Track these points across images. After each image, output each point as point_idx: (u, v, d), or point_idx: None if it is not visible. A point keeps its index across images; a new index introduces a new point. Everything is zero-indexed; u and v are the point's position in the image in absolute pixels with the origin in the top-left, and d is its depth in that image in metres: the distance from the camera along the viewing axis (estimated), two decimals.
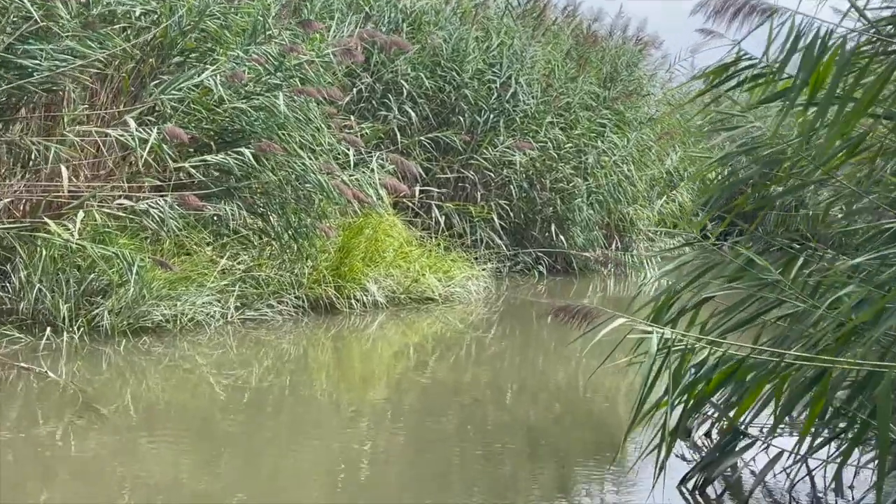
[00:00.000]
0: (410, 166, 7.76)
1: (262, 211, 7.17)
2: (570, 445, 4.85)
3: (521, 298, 10.12)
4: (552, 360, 7.55)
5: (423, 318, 7.99)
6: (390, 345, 7.34)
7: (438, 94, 10.82)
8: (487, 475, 4.25)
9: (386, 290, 7.80)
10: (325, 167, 7.04)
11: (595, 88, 12.29)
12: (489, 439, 4.86)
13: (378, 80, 10.31)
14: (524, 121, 11.23)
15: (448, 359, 7.02)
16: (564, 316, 2.66)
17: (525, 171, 11.15)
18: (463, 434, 4.98)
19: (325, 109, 7.39)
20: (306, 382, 6.04)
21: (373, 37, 8.36)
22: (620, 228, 12.68)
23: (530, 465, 4.48)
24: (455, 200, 10.84)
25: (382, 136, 10.26)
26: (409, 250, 8.44)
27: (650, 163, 12.92)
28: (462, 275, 8.81)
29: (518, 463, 4.51)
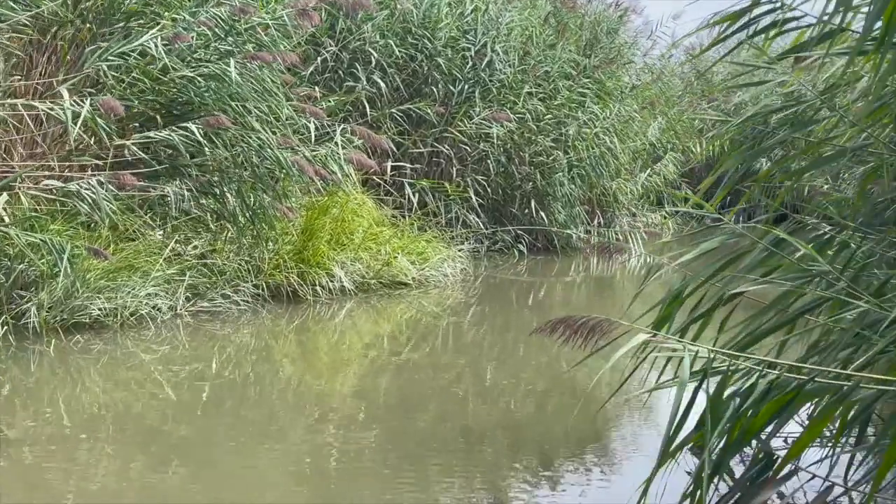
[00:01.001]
0: (380, 140, 7.11)
1: (216, 191, 6.51)
2: (552, 436, 4.51)
3: (500, 279, 9.55)
4: (533, 344, 7.01)
5: (396, 305, 7.38)
6: (360, 334, 6.73)
7: (409, 63, 10.16)
8: (467, 469, 3.95)
9: (354, 276, 7.17)
10: (284, 142, 6.38)
11: (575, 56, 11.66)
12: (468, 430, 4.50)
13: (344, 49, 9.63)
14: (501, 91, 10.60)
15: (423, 347, 6.44)
16: (565, 331, 2.06)
17: (503, 145, 10.53)
18: (440, 426, 4.56)
19: (284, 78, 6.71)
20: (268, 378, 5.43)
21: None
22: (603, 203, 12.11)
23: (511, 458, 4.13)
24: (429, 177, 10.21)
25: (350, 108, 9.61)
26: (380, 231, 7.81)
27: (633, 134, 12.32)
28: (437, 256, 8.20)
29: (498, 455, 4.16)
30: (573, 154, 11.06)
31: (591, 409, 4.80)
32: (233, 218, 6.61)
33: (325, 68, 9.45)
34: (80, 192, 5.17)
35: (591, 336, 2.00)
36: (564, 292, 9.50)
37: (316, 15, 6.46)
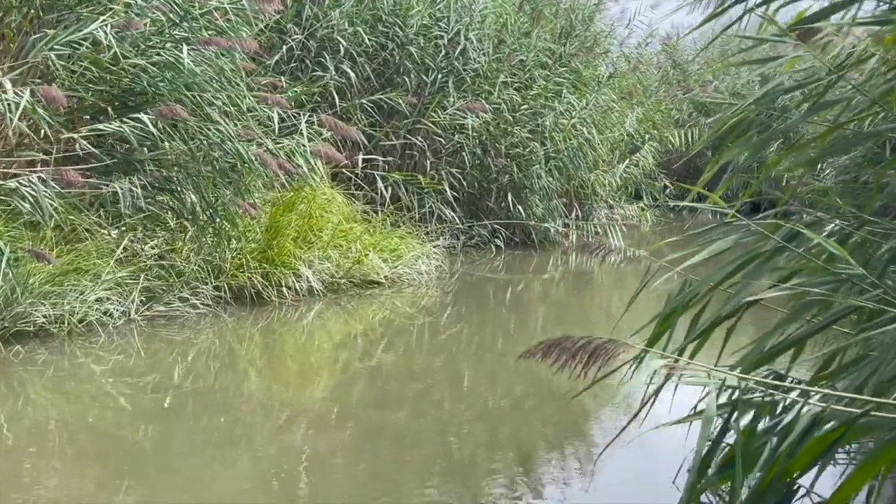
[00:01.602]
0: (349, 131, 6.73)
1: (174, 187, 6.10)
2: (531, 436, 4.36)
3: (477, 275, 9.21)
4: (511, 341, 6.79)
5: (368, 305, 7.01)
6: (330, 336, 6.36)
7: (380, 51, 9.77)
8: (443, 472, 3.81)
9: (323, 275, 6.79)
10: (245, 134, 5.98)
11: (550, 45, 11.32)
12: (444, 432, 4.34)
13: (311, 37, 9.23)
14: (476, 80, 10.23)
15: (397, 348, 6.10)
16: (561, 356, 1.70)
17: (478, 136, 10.17)
18: (416, 429, 4.36)
19: (244, 66, 6.30)
20: (231, 385, 5.06)
21: None
22: (581, 196, 11.78)
23: (489, 460, 3.98)
24: (402, 170, 9.84)
25: (319, 99, 9.21)
26: (350, 228, 7.43)
27: (611, 125, 12.01)
28: (411, 253, 7.83)
29: (476, 458, 4.01)
30: (550, 145, 10.72)
31: (572, 410, 4.59)
32: (192, 215, 6.20)
33: (290, 57, 9.04)
34: (19, 189, 4.75)
35: (593, 362, 1.64)
36: (543, 289, 9.18)
37: (278, 0, 6.06)
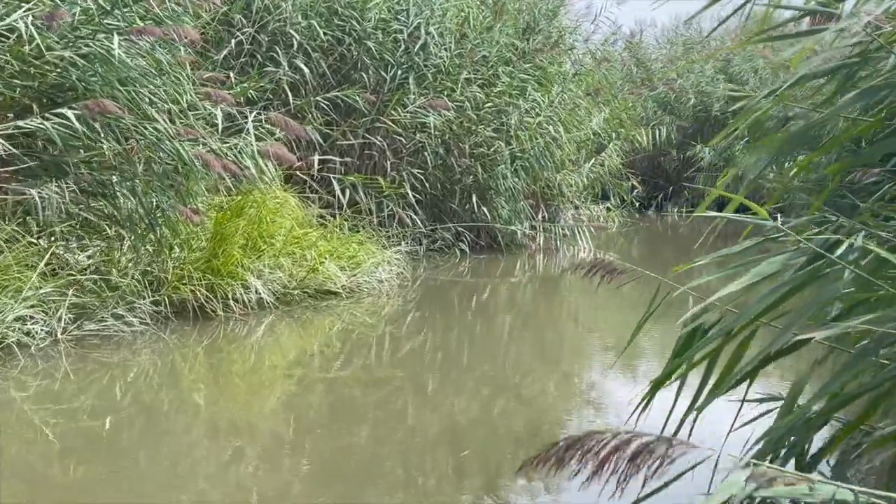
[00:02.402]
0: (299, 129, 6.20)
1: (107, 191, 5.54)
2: (500, 454, 4.02)
3: (441, 281, 8.75)
4: (478, 349, 6.37)
5: (324, 317, 6.49)
6: (282, 351, 5.85)
7: (336, 46, 9.26)
8: (408, 493, 3.52)
9: (274, 285, 6.26)
10: (186, 132, 5.44)
11: (514, 40, 10.88)
12: (408, 451, 4.02)
13: (262, 30, 8.69)
14: (437, 77, 9.76)
15: (356, 362, 5.61)
16: (584, 463, 1.20)
17: (441, 136, 9.70)
18: (378, 449, 3.99)
19: (185, 59, 5.76)
20: (173, 411, 4.54)
21: None
22: (547, 196, 11.36)
23: (456, 481, 3.68)
24: (360, 171, 9.34)
25: (271, 96, 8.68)
26: (304, 233, 6.91)
27: (578, 122, 11.60)
28: (371, 260, 7.33)
29: (442, 478, 3.73)
30: (516, 145, 10.28)
31: (544, 421, 4.48)
32: (128, 223, 5.64)
33: (240, 52, 8.49)
34: None
35: (636, 471, 1.17)
36: (510, 294, 8.74)
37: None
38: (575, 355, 6.45)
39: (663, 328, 7.70)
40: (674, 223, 17.14)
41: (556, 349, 6.57)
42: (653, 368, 5.97)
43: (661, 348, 6.56)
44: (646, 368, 5.96)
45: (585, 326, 7.51)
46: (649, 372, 5.83)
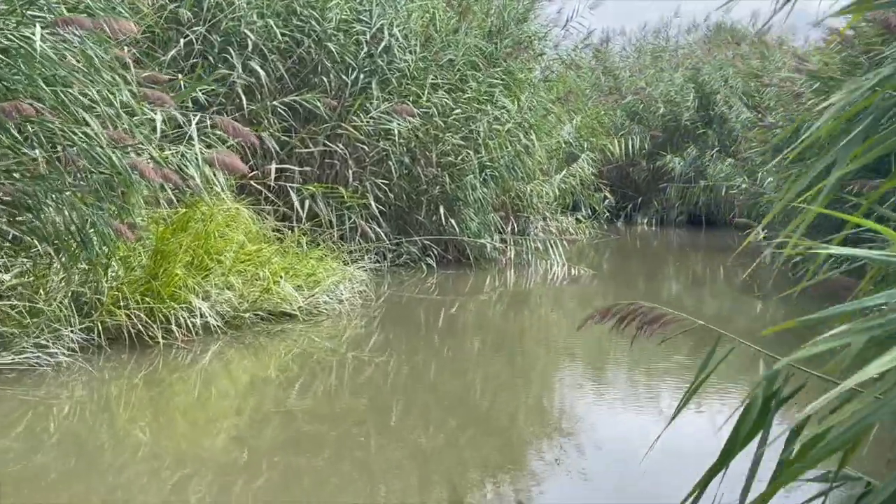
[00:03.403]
0: (248, 134, 5.60)
1: (30, 203, 4.91)
2: (467, 482, 3.74)
3: (406, 297, 8.19)
4: (446, 371, 5.88)
5: (278, 342, 5.90)
6: (232, 382, 5.24)
7: (295, 48, 8.69)
8: None
9: (223, 308, 5.66)
10: (119, 138, 4.83)
11: (481, 43, 10.37)
12: (372, 479, 3.72)
13: (214, 30, 8.08)
14: (402, 82, 9.22)
15: (313, 391, 5.06)
16: None
17: (406, 143, 9.15)
18: (337, 480, 3.64)
19: (120, 54, 5.15)
20: (108, 450, 3.94)
21: None
22: (517, 208, 10.85)
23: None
24: (321, 181, 8.77)
25: (224, 100, 8.09)
26: (258, 249, 6.31)
27: (550, 130, 11.12)
28: (331, 278, 6.75)
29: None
30: (485, 153, 9.76)
31: (512, 448, 4.26)
32: (56, 239, 5.02)
33: (189, 52, 7.88)
34: None
35: None
36: (480, 311, 8.20)
37: None
38: (548, 377, 6.00)
39: (642, 347, 7.28)
40: (643, 235, 16.75)
41: (528, 371, 6.11)
42: (629, 390, 5.61)
43: (631, 363, 6.18)
44: (620, 391, 5.58)
45: (559, 346, 7.01)
46: (625, 396, 5.46)
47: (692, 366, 6.63)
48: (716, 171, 16.19)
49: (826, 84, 9.00)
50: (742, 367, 5.86)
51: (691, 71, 18.16)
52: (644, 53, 20.59)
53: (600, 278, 10.12)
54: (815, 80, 9.35)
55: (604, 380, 5.87)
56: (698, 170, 17.13)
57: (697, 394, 1.71)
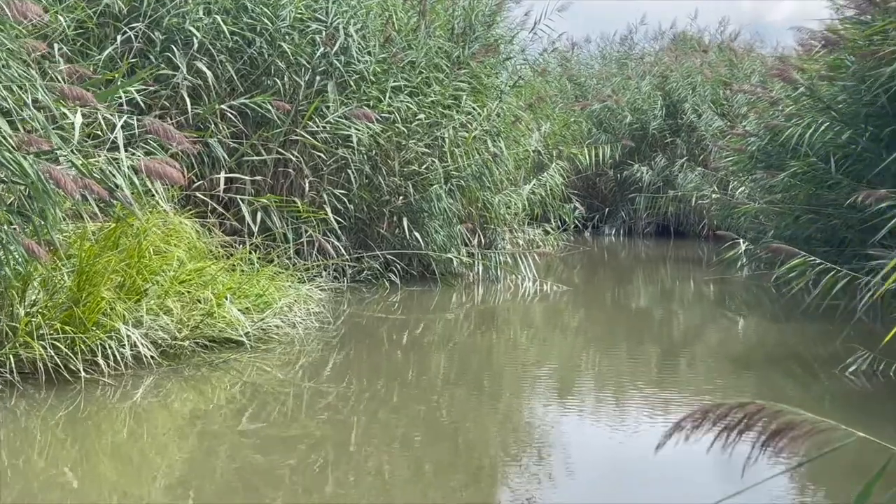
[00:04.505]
0: (181, 139, 4.91)
1: None
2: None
3: (367, 317, 7.56)
4: (410, 392, 5.36)
5: (222, 374, 5.22)
6: (168, 420, 4.57)
7: (246, 48, 8.04)
8: None
9: (158, 335, 4.98)
10: (32, 140, 4.15)
11: (445, 44, 9.80)
12: None
13: (155, 27, 7.40)
14: (360, 85, 8.60)
15: (263, 427, 4.45)
16: None
17: (366, 151, 8.53)
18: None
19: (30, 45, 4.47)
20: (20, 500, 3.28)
21: None
22: (485, 220, 10.27)
23: None
24: (274, 192, 8.11)
25: (167, 103, 7.42)
26: (201, 268, 5.64)
27: (520, 137, 10.56)
28: (284, 299, 6.09)
29: None
30: (451, 162, 9.17)
31: (483, 479, 3.94)
32: None
33: (126, 51, 7.19)
34: None
35: None
36: (446, 330, 7.59)
37: None
38: (519, 402, 5.47)
39: (614, 356, 6.79)
40: (611, 246, 16.28)
41: (498, 396, 5.60)
42: (604, 412, 5.19)
43: (605, 376, 5.77)
44: (595, 414, 5.13)
45: (530, 368, 6.46)
46: (598, 414, 5.08)
47: (665, 380, 6.15)
48: (685, 180, 15.76)
49: (810, 89, 8.56)
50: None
51: (658, 79, 17.77)
52: (609, 61, 20.19)
53: (572, 294, 9.56)
54: (797, 84, 8.90)
55: (577, 402, 5.44)
56: (667, 179, 16.71)
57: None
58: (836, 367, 5.68)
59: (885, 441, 1.38)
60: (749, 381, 5.83)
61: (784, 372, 6.09)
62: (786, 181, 8.97)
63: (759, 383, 5.74)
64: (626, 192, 17.38)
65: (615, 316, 8.86)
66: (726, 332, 8.26)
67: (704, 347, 7.38)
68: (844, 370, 5.50)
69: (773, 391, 5.57)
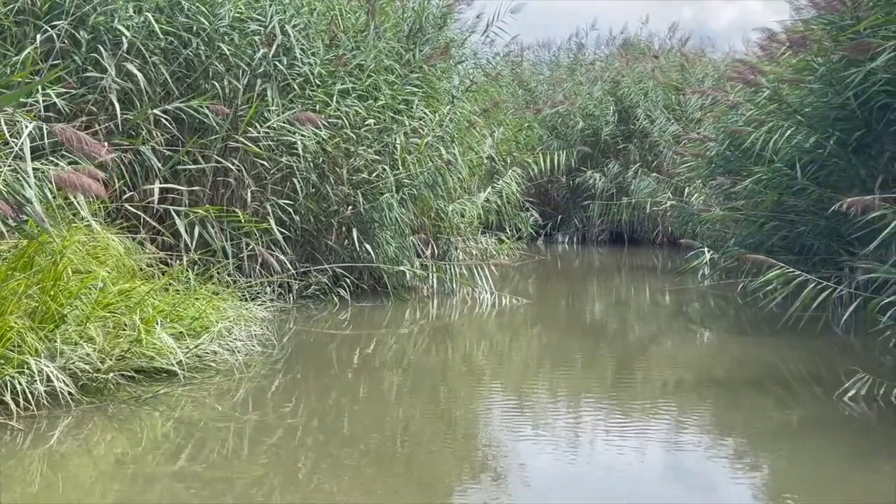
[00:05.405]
0: (97, 146, 4.34)
1: None
2: None
3: (315, 335, 7.07)
4: (361, 417, 4.89)
5: (152, 410, 4.66)
6: (90, 467, 4.02)
7: (181, 49, 7.49)
8: None
9: (78, 368, 4.41)
10: None
11: (396, 46, 9.34)
12: None
13: (80, 25, 6.82)
14: (305, 88, 8.09)
15: (199, 469, 3.94)
16: None
17: (313, 158, 8.02)
18: None
19: None
20: None
21: None
22: (439, 229, 9.82)
23: None
24: (214, 203, 7.57)
25: (95, 108, 6.85)
26: (130, 289, 5.09)
27: (475, 143, 10.14)
28: (222, 321, 5.56)
29: None
30: (403, 170, 8.70)
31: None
32: None
33: (49, 52, 6.59)
34: None
35: None
36: (400, 347, 7.12)
37: None
38: (475, 422, 5.09)
39: (570, 374, 6.42)
40: (565, 254, 15.96)
41: (454, 416, 5.21)
42: (560, 428, 4.93)
43: (562, 399, 5.53)
44: (551, 430, 4.84)
45: (486, 386, 6.05)
46: (557, 432, 4.78)
47: (623, 398, 5.77)
48: (639, 187, 15.50)
49: (776, 92, 8.28)
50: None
51: (610, 84, 17.53)
52: (559, 67, 19.94)
53: (530, 306, 9.13)
54: (760, 88, 8.62)
55: (534, 419, 5.10)
56: (620, 186, 16.46)
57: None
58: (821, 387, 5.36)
59: None
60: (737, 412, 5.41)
61: (766, 392, 5.72)
62: (749, 187, 8.69)
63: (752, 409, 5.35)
64: (579, 200, 17.11)
65: (578, 332, 8.43)
66: (701, 349, 7.77)
67: (679, 369, 6.80)
68: (843, 395, 5.12)
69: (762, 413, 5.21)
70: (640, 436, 4.71)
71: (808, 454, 4.40)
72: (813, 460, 4.31)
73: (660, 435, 4.78)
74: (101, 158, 4.61)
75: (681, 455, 4.45)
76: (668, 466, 4.31)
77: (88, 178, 4.04)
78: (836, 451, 4.43)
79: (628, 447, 4.46)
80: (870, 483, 3.99)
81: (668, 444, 4.61)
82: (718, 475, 4.19)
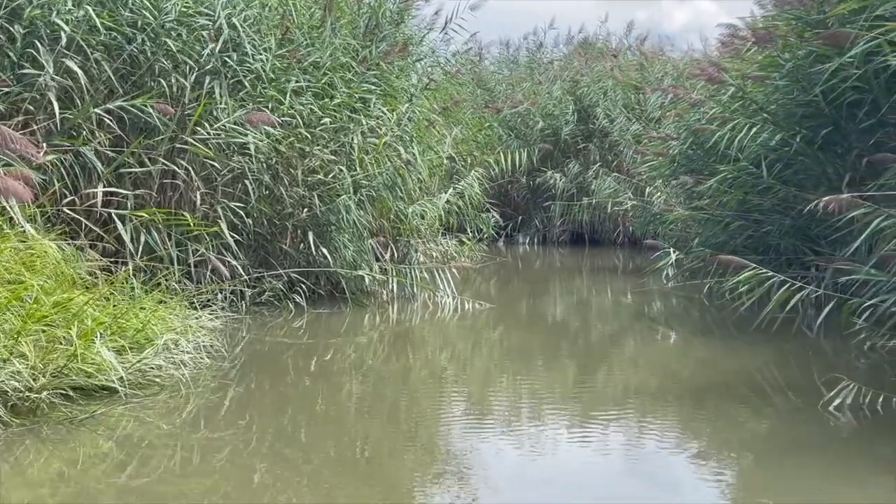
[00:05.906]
0: (26, 145, 4.01)
1: None
2: None
3: (269, 344, 6.76)
4: (318, 428, 4.72)
5: (90, 431, 4.32)
6: (24, 492, 3.68)
7: (125, 45, 7.12)
8: None
9: (9, 387, 4.06)
10: None
11: (353, 42, 9.05)
12: None
13: (15, 19, 6.43)
14: (257, 85, 7.77)
15: (141, 492, 3.59)
16: None
17: (266, 159, 7.70)
18: None
19: None
20: None
21: None
22: (398, 232, 9.54)
23: None
24: (161, 206, 7.22)
25: (32, 107, 6.47)
26: (67, 299, 4.74)
27: (433, 144, 9.88)
28: (168, 333, 5.22)
29: None
30: (360, 170, 8.41)
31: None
32: None
33: None
34: None
35: None
36: (359, 355, 6.84)
37: None
38: (436, 429, 4.87)
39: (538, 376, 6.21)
40: (526, 255, 15.76)
41: (415, 424, 4.98)
42: (523, 431, 4.81)
43: (525, 405, 5.36)
44: (515, 434, 4.74)
45: (448, 394, 5.82)
46: (519, 437, 4.67)
47: (586, 398, 5.58)
48: (600, 187, 15.34)
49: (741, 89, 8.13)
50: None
51: (569, 83, 17.36)
52: (519, 66, 19.74)
53: (492, 311, 8.88)
54: (724, 85, 8.47)
55: (496, 423, 4.98)
56: (581, 186, 16.29)
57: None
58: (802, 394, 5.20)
59: None
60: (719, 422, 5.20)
61: (741, 399, 5.52)
62: (714, 187, 8.53)
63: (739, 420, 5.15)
64: (539, 200, 16.92)
65: (542, 336, 8.18)
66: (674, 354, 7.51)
67: (650, 375, 6.51)
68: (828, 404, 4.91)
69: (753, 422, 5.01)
70: (603, 439, 4.64)
71: (805, 472, 4.21)
72: (806, 478, 4.11)
73: (620, 438, 4.72)
74: (39, 160, 4.25)
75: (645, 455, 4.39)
76: (631, 469, 4.26)
77: (16, 183, 3.70)
78: (828, 467, 4.25)
79: (591, 449, 4.47)
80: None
81: (630, 447, 4.56)
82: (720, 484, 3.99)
